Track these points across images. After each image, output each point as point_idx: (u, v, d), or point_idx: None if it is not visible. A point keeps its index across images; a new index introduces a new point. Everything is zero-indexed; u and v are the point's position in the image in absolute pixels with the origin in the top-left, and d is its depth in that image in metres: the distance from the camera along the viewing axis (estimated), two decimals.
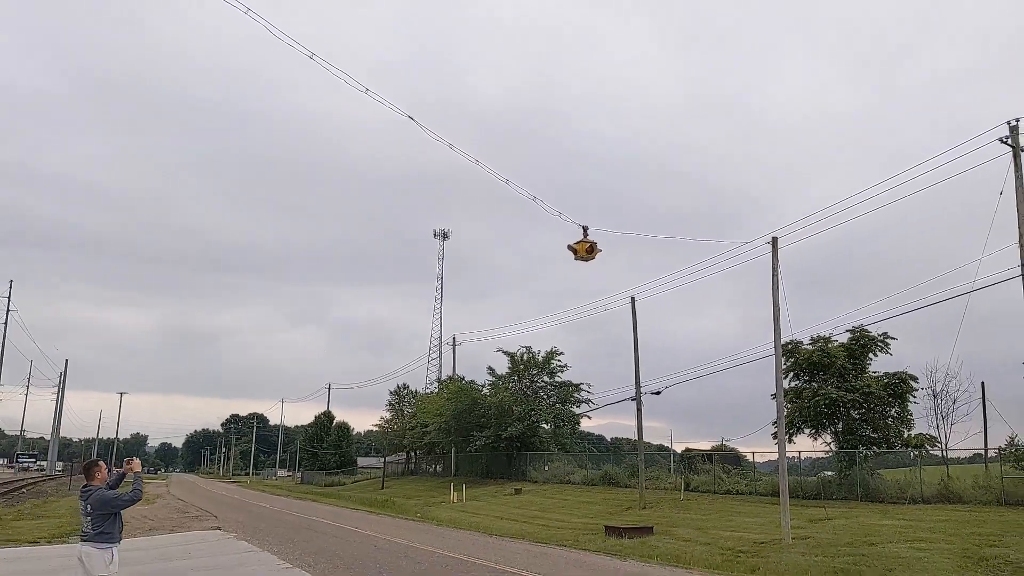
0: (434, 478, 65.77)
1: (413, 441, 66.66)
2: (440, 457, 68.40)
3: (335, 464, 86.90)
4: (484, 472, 56.38)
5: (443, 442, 60.40)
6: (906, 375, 33.04)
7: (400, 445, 73.27)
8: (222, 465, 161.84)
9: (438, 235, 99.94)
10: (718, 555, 22.13)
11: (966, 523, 23.84)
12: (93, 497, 9.36)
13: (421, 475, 71.58)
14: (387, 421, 77.15)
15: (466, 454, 59.91)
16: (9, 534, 22.68)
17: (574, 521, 32.13)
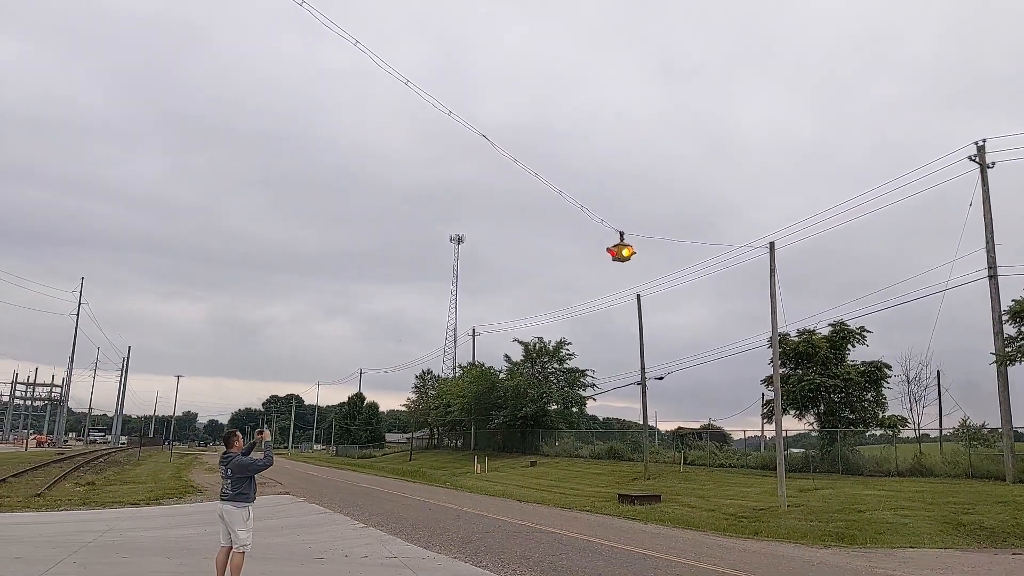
0: (455, 452, 65.89)
1: (437, 419, 66.89)
2: (460, 433, 68.59)
3: (366, 439, 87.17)
4: (500, 447, 56.49)
5: (464, 420, 60.63)
6: (881, 363, 33.14)
7: (425, 422, 73.42)
8: None
9: (454, 239, 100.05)
10: (723, 520, 22.18)
11: (941, 493, 23.85)
12: (233, 462, 9.53)
13: (443, 449, 71.70)
14: (413, 401, 77.34)
15: (484, 431, 60.09)
16: (111, 497, 22.79)
17: (588, 490, 32.22)
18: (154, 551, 12.81)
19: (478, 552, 13.82)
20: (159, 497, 23.04)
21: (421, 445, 77.26)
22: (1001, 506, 21.06)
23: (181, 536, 14.99)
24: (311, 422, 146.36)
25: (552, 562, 12.94)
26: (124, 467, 46.08)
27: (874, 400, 32.89)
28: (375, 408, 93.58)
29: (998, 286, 25.52)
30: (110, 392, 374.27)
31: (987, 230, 25.57)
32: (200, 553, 12.65)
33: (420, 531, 16.95)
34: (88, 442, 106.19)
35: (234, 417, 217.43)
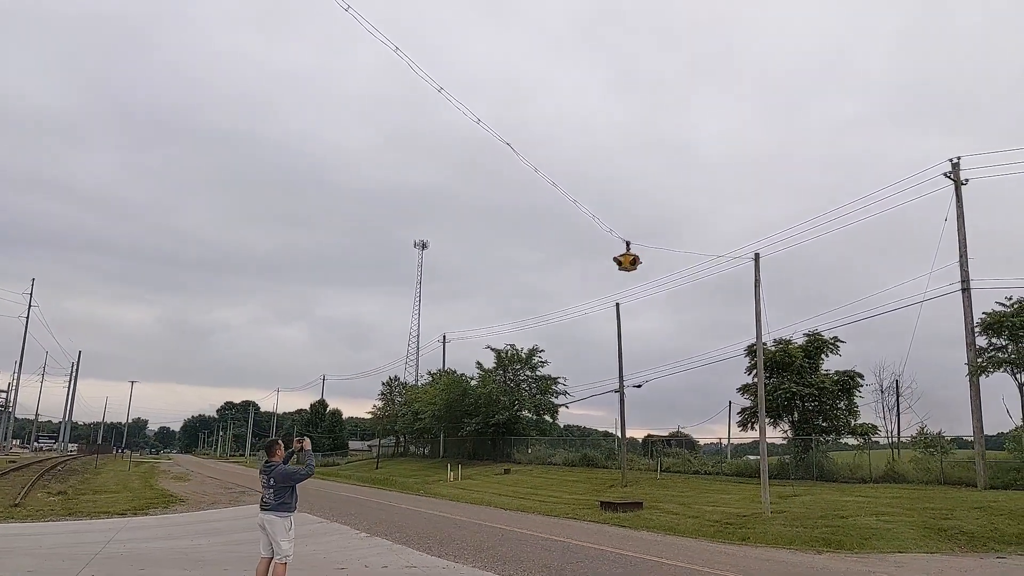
0: (423, 459, 65.64)
1: (405, 426, 66.53)
2: (428, 441, 68.36)
3: (329, 447, 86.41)
4: (470, 454, 56.44)
5: (434, 427, 60.48)
6: (854, 373, 33.98)
7: (392, 430, 73.03)
8: (219, 447, 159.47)
9: (418, 244, 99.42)
10: (709, 527, 22.56)
11: (917, 499, 24.56)
12: (276, 472, 9.51)
13: (410, 457, 71.34)
14: (379, 408, 76.89)
15: (454, 438, 60.02)
16: (93, 507, 22.39)
17: (567, 497, 32.40)
18: (168, 563, 12.70)
19: (496, 562, 13.95)
20: (143, 507, 22.71)
21: (387, 453, 76.77)
22: (978, 511, 21.78)
23: (188, 547, 14.86)
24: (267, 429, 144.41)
25: (574, 571, 13.13)
26: (85, 476, 45.09)
27: (846, 408, 33.70)
28: (339, 415, 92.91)
29: (971, 298, 26.42)
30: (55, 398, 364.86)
31: (960, 245, 26.46)
32: (217, 564, 12.60)
33: (427, 540, 17.01)
34: (35, 449, 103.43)
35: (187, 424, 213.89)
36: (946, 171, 26.94)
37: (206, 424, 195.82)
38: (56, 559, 12.55)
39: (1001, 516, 21.03)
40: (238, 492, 31.70)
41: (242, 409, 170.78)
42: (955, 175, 26.85)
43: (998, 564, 16.38)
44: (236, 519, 20.56)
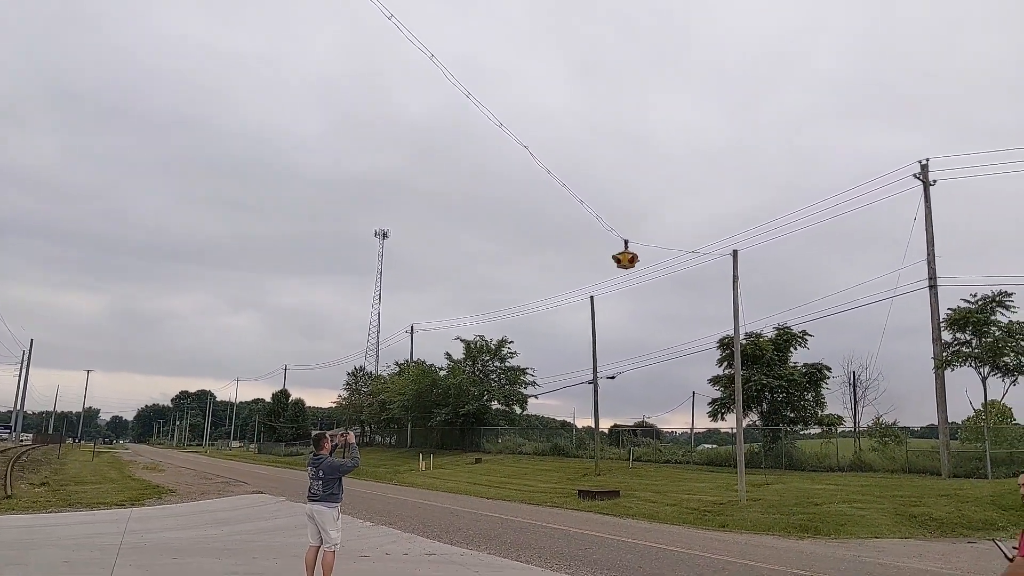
0: (391, 449, 65.92)
1: (372, 416, 66.78)
2: (396, 431, 68.68)
3: (291, 436, 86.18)
4: (439, 444, 56.92)
5: (403, 417, 60.85)
6: (821, 365, 35.32)
7: (358, 420, 73.16)
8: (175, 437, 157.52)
9: (378, 234, 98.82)
10: (688, 514, 23.43)
11: (886, 487, 25.75)
12: (324, 464, 9.96)
13: (376, 447, 71.58)
14: (345, 399, 76.94)
15: (422, 428, 60.47)
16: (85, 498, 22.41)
17: (542, 486, 33.09)
18: (196, 552, 13.04)
19: (510, 548, 14.57)
20: (138, 498, 22.81)
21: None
22: (945, 499, 23.00)
23: (206, 536, 15.18)
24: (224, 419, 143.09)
25: (586, 557, 13.81)
26: (53, 466, 44.56)
27: (814, 400, 35.01)
28: (301, 405, 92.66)
29: (937, 295, 27.71)
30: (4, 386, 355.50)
31: (928, 243, 27.73)
32: (247, 553, 13.00)
33: (432, 528, 17.56)
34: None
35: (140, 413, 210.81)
36: (915, 172, 28.16)
37: (161, 413, 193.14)
38: (83, 550, 12.79)
39: (967, 503, 22.26)
40: (221, 483, 31.78)
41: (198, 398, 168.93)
42: (924, 176, 28.08)
43: (970, 548, 17.48)
44: (236, 509, 20.87)
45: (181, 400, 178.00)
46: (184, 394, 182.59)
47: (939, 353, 27.86)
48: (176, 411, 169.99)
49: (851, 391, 34.63)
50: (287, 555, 12.69)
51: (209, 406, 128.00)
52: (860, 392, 34.33)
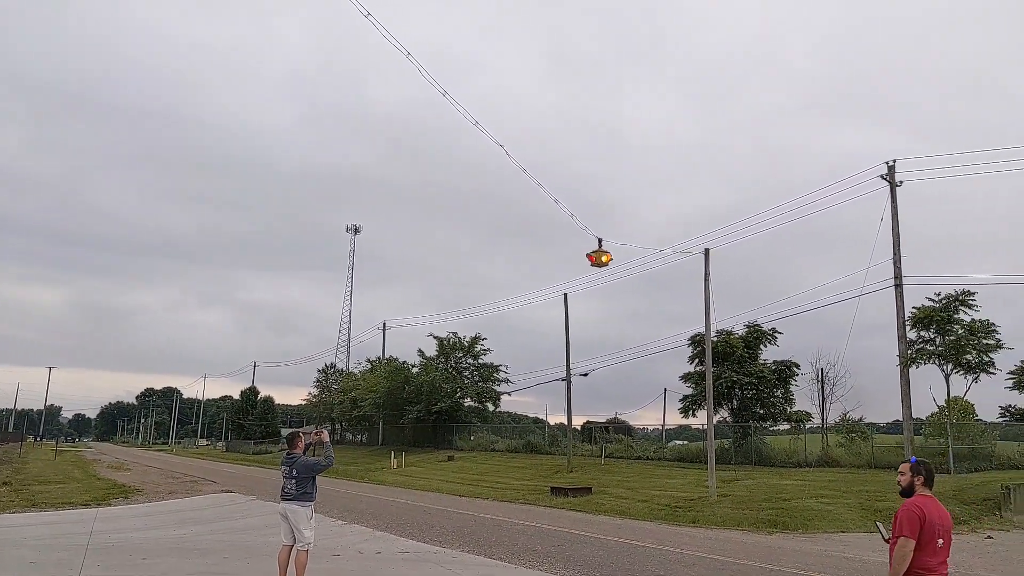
0: (362, 447, 65.72)
1: (342, 414, 66.50)
2: (366, 428, 68.47)
3: (260, 434, 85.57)
4: (411, 442, 56.81)
5: (375, 415, 60.69)
6: (790, 362, 35.83)
7: (329, 417, 72.82)
8: (140, 435, 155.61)
9: (350, 229, 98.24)
10: (660, 510, 23.73)
11: (852, 482, 26.21)
12: (298, 463, 9.99)
13: (347, 445, 71.29)
14: (315, 396, 76.57)
15: (393, 426, 60.35)
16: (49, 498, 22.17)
17: (515, 483, 33.24)
18: (165, 552, 12.99)
19: (483, 546, 14.70)
20: (104, 498, 22.64)
21: None
22: None
23: (175, 537, 15.11)
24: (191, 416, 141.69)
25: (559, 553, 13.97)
26: (15, 465, 43.93)
27: (783, 396, 35.53)
28: (271, 402, 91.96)
29: (903, 294, 28.25)
30: None
31: (895, 243, 28.23)
32: (217, 553, 12.98)
33: (405, 527, 17.62)
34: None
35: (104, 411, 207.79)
36: (882, 173, 28.66)
37: (125, 411, 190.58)
38: (51, 551, 12.70)
39: None
40: (189, 482, 31.57)
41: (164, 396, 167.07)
42: (890, 177, 28.58)
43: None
44: (205, 508, 20.78)
45: (146, 398, 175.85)
46: (149, 391, 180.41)
47: (904, 351, 28.40)
48: (141, 409, 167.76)
49: (819, 388, 35.21)
50: (259, 555, 12.68)
51: (176, 403, 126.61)
52: (828, 389, 34.95)
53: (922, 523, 5.63)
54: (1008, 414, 35.72)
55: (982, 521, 21.16)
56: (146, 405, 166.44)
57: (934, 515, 5.71)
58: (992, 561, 15.18)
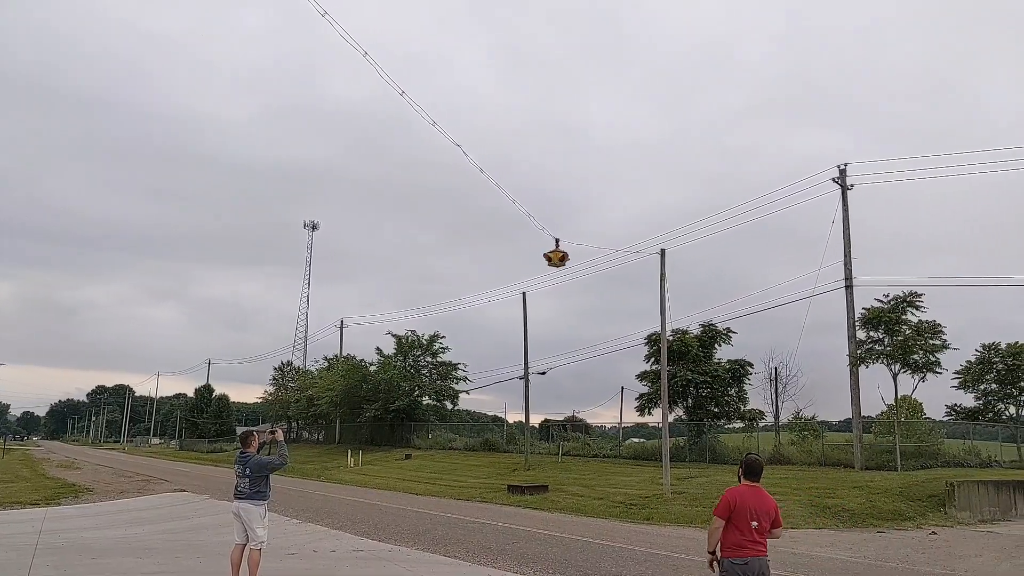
0: (318, 446, 65.26)
1: (299, 412, 65.94)
2: (324, 427, 68.03)
3: (215, 433, 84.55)
4: (368, 440, 56.57)
5: (332, 413, 60.33)
6: (744, 361, 36.44)
7: (285, 415, 72.18)
8: (91, 433, 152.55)
9: (308, 225, 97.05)
10: (615, 507, 24.06)
11: (803, 480, 26.77)
12: (252, 462, 9.98)
13: (304, 443, 70.74)
14: (271, 394, 75.82)
15: (351, 424, 60.04)
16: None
17: (472, 481, 33.36)
18: (116, 552, 12.89)
19: (438, 543, 14.81)
20: (54, 497, 22.30)
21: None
22: (857, 490, 24.12)
23: (126, 536, 14.99)
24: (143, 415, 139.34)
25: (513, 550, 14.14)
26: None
27: (737, 395, 36.15)
28: (226, 400, 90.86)
29: (853, 295, 28.96)
30: None
31: (845, 245, 28.93)
32: (168, 552, 12.92)
33: (360, 525, 17.66)
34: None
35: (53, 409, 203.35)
36: (834, 176, 29.34)
37: (75, 409, 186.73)
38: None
39: (878, 494, 23.41)
40: (141, 481, 31.15)
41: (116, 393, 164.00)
42: (842, 180, 29.27)
43: (878, 538, 18.47)
44: (157, 508, 20.56)
45: (97, 395, 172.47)
46: (101, 389, 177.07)
47: (854, 351, 29.12)
48: (92, 407, 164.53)
49: (771, 387, 35.91)
50: (212, 554, 12.64)
51: (128, 401, 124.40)
52: (780, 388, 35.64)
53: (732, 507, 6.67)
54: (954, 412, 36.84)
55: (927, 517, 21.79)
56: (97, 403, 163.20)
57: (749, 501, 6.72)
58: (935, 556, 15.68)
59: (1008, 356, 35.33)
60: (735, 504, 6.73)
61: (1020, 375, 34.97)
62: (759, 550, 6.67)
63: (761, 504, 6.82)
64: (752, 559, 6.61)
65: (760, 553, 6.68)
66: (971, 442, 33.24)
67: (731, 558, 6.64)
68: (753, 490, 6.91)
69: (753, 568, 6.61)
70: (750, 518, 6.67)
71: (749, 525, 6.65)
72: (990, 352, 36.07)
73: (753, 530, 6.66)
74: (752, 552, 6.62)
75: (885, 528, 20.24)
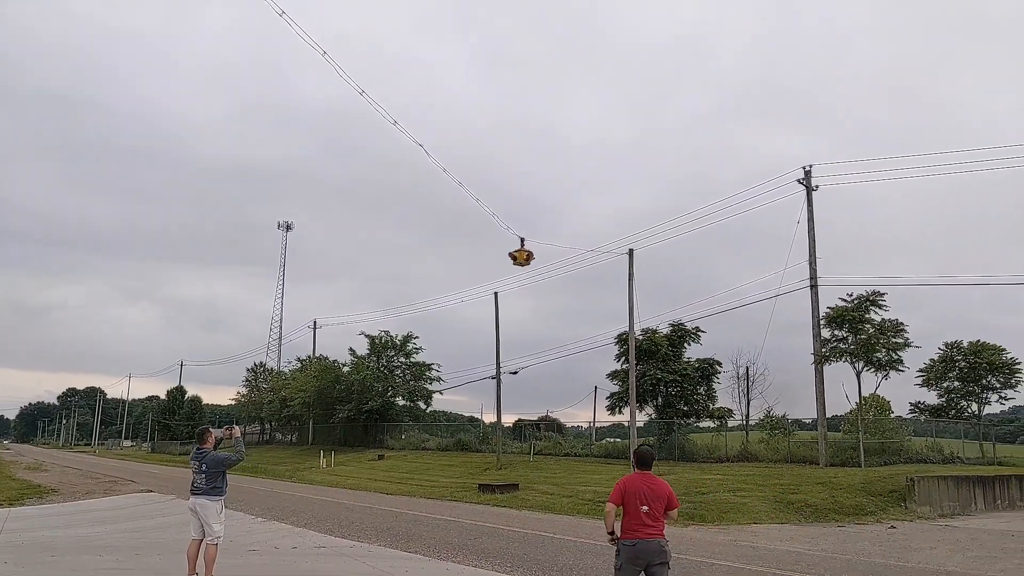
0: (291, 447, 65.06)
1: (271, 413, 65.60)
2: (296, 428, 67.73)
3: (187, 435, 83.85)
4: (341, 441, 56.45)
5: (304, 414, 60.12)
6: (713, 360, 36.82)
7: (258, 417, 71.79)
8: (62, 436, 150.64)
9: (282, 226, 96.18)
10: (583, 505, 24.24)
11: (769, 476, 27.13)
12: (208, 458, 10.06)
13: (276, 444, 70.46)
14: (244, 396, 75.36)
15: (324, 425, 59.87)
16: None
17: (444, 481, 33.44)
18: (76, 550, 12.86)
19: (399, 540, 14.93)
20: (17, 498, 22.15)
21: (252, 441, 75.37)
22: (820, 486, 24.49)
23: (88, 535, 14.94)
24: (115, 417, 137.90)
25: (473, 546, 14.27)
26: None
27: (706, 394, 36.53)
28: (198, 402, 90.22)
29: (818, 295, 29.36)
30: None
31: (810, 245, 29.31)
32: (128, 549, 12.92)
33: (324, 523, 17.69)
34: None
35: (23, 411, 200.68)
36: (799, 178, 29.74)
37: (46, 412, 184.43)
38: None
39: (840, 490, 23.79)
40: (108, 482, 30.93)
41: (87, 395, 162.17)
42: (807, 182, 29.68)
43: (838, 532, 18.82)
44: (122, 508, 20.45)
45: (68, 398, 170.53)
46: (72, 391, 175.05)
47: (818, 349, 29.54)
48: (63, 409, 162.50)
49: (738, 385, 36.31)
50: (172, 551, 12.64)
51: (99, 404, 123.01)
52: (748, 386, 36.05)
53: (624, 493, 7.28)
54: (918, 410, 37.43)
55: (888, 512, 22.21)
56: (68, 405, 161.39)
57: (639, 487, 7.27)
58: (891, 549, 15.99)
59: (970, 354, 35.98)
60: (626, 491, 7.32)
61: (982, 373, 35.63)
62: (650, 532, 7.17)
63: (652, 490, 7.31)
64: (641, 541, 7.13)
65: (651, 535, 7.17)
66: (934, 439, 33.84)
67: (623, 539, 7.22)
68: (644, 477, 7.42)
69: (641, 549, 7.13)
70: (640, 503, 7.19)
71: (639, 510, 7.18)
72: (953, 350, 36.70)
73: (644, 514, 7.18)
74: (643, 534, 7.14)
75: (846, 523, 20.60)
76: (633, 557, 7.14)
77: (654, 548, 7.15)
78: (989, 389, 36.13)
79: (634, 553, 7.13)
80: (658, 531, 7.24)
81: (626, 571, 7.19)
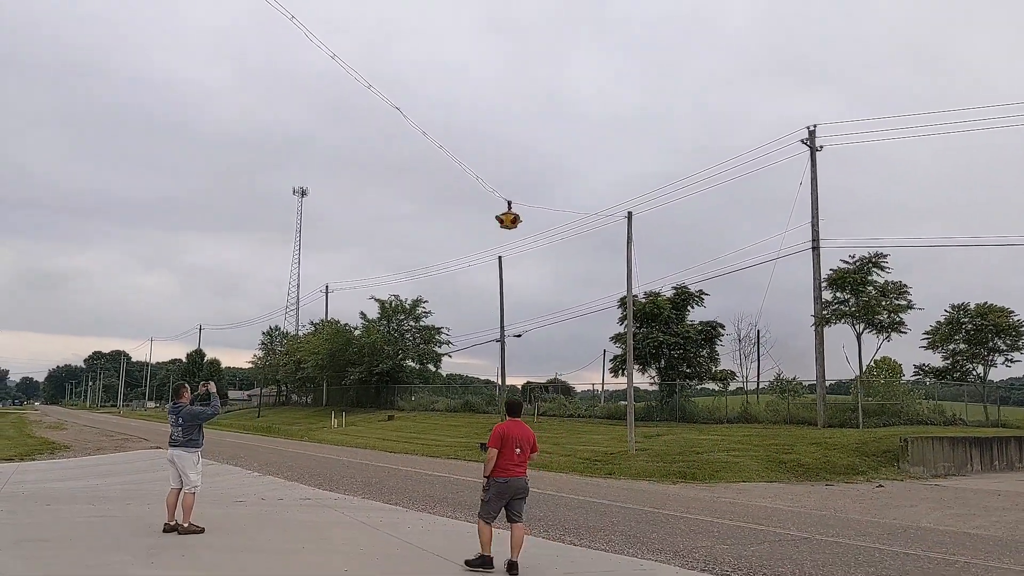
0: (306, 408, 66.06)
1: (287, 376, 66.61)
2: (311, 390, 68.70)
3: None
4: (354, 402, 57.23)
5: (318, 376, 60.97)
6: (716, 323, 36.88)
7: (274, 379, 72.87)
8: (88, 398, 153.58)
9: (297, 192, 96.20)
10: (579, 463, 24.60)
11: (764, 437, 27.34)
12: (184, 412, 10.42)
13: (292, 406, 71.53)
14: (260, 358, 76.40)
15: (337, 387, 60.69)
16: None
17: (450, 440, 33.94)
18: (71, 500, 13.30)
19: (383, 493, 15.32)
20: (29, 453, 22.82)
21: (268, 402, 76.63)
22: (815, 447, 24.69)
23: (87, 486, 15.44)
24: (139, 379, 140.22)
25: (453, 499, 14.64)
26: None
27: (708, 356, 36.64)
28: (218, 365, 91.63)
29: (819, 257, 29.27)
30: None
31: (813, 206, 29.15)
32: (120, 500, 13.37)
33: (317, 478, 18.15)
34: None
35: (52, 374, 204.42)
36: (803, 138, 29.49)
37: (73, 374, 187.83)
38: None
39: (834, 450, 23.99)
40: (120, 439, 31.70)
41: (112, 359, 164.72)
42: (811, 142, 29.42)
43: (824, 490, 19.03)
44: (128, 462, 21.03)
45: (94, 361, 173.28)
46: (97, 355, 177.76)
47: (819, 312, 29.51)
48: (89, 372, 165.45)
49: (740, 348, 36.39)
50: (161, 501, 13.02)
51: (123, 366, 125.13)
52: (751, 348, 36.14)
53: (503, 438, 8.12)
54: (922, 372, 37.31)
55: (880, 472, 22.39)
56: (94, 368, 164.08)
57: (514, 433, 8.20)
58: (871, 507, 16.17)
59: (976, 316, 35.71)
60: (504, 437, 8.18)
61: (988, 335, 35.39)
62: (518, 471, 8.20)
63: (522, 435, 8.30)
64: (512, 479, 8.13)
65: (520, 474, 8.22)
66: (936, 401, 33.81)
67: (496, 477, 8.11)
68: (516, 424, 8.37)
69: (512, 485, 8.14)
70: (514, 446, 8.15)
71: (514, 452, 8.15)
72: (959, 312, 36.44)
73: (516, 455, 8.16)
74: (514, 473, 8.14)
75: (836, 482, 20.79)
76: (503, 492, 8.09)
77: (521, 484, 8.23)
78: (995, 352, 35.89)
79: (505, 489, 8.09)
80: (524, 470, 8.30)
81: (493, 504, 8.13)
